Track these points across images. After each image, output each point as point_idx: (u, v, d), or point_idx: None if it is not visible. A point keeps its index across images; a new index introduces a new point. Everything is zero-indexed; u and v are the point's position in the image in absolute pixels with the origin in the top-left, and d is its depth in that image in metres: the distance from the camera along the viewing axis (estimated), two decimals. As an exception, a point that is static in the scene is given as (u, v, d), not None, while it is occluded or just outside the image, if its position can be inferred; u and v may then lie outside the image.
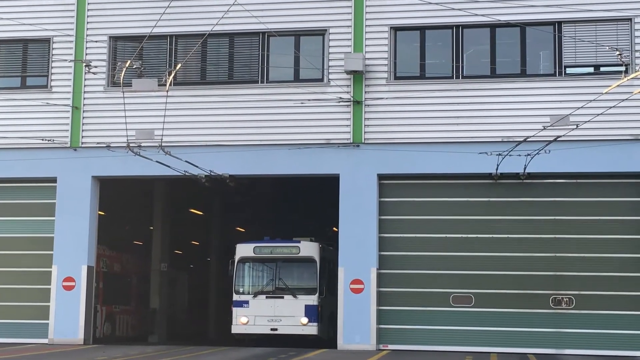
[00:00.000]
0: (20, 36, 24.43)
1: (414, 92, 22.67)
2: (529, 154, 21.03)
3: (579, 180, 22.30)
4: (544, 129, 20.05)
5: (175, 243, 34.35)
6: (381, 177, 22.90)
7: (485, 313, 22.17)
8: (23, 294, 24.01)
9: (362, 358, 19.42)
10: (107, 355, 19.55)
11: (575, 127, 19.89)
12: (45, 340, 23.40)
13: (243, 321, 24.37)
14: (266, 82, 23.51)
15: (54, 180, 23.97)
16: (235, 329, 24.59)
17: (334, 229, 26.90)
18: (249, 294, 24.67)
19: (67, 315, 23.32)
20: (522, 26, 22.41)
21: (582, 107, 19.97)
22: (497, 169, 21.75)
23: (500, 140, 21.94)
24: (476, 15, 22.12)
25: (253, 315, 24.40)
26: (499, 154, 21.30)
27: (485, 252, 22.40)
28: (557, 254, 22.16)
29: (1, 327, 23.92)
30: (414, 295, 22.52)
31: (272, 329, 24.24)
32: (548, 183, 22.49)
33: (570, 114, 19.61)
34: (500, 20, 22.12)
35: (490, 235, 22.42)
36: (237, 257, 25.09)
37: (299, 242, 25.10)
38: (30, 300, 23.93)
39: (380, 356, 20.34)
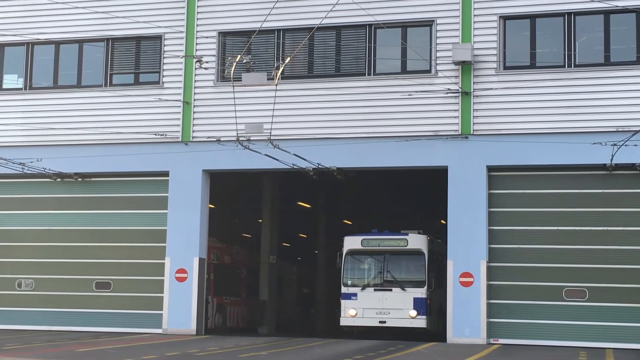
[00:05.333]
0: (133, 34, 25.06)
1: (525, 81, 22.22)
2: (645, 144, 20.35)
3: (699, 171, 21.49)
4: (662, 117, 19.36)
5: (283, 236, 34.68)
6: (491, 168, 22.56)
7: (600, 307, 21.60)
8: (138, 285, 24.67)
9: (473, 352, 19.19)
10: (219, 345, 19.88)
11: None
12: (159, 330, 23.98)
13: (351, 313, 24.42)
14: (373, 75, 23.45)
15: (166, 174, 24.53)
16: (343, 321, 24.65)
17: (442, 221, 26.69)
18: (357, 286, 24.69)
19: (180, 306, 23.84)
20: (639, 12, 21.66)
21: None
22: (611, 160, 21.12)
23: (615, 130, 21.29)
24: (590, 1, 21.52)
25: (361, 307, 24.40)
26: (614, 144, 20.71)
27: (599, 245, 21.81)
28: (676, 247, 21.41)
29: (118, 317, 24.64)
30: (525, 288, 22.11)
31: (380, 322, 24.21)
32: (666, 174, 21.73)
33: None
34: (615, 6, 21.42)
35: (605, 228, 21.81)
36: (345, 250, 25.14)
37: (406, 234, 24.98)
38: (144, 291, 24.56)
39: (491, 350, 20.06)
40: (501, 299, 22.21)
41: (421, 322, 23.97)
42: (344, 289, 24.78)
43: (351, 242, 25.22)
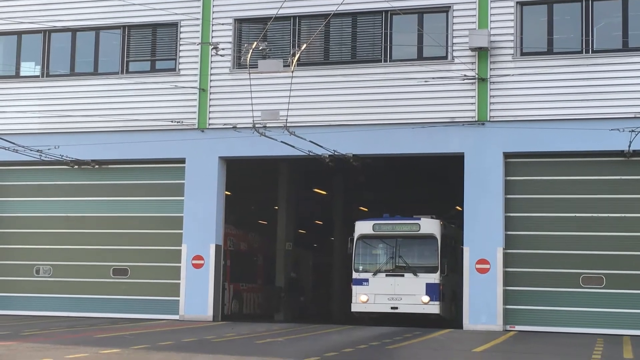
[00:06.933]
0: (149, 21, 25.10)
1: (542, 67, 22.11)
2: (663, 130, 20.23)
3: None
4: (681, 103, 19.21)
5: (300, 222, 34.70)
6: (507, 155, 22.48)
7: (617, 294, 21.52)
8: (155, 272, 24.79)
9: (489, 339, 19.18)
10: (236, 331, 19.95)
11: None
12: (176, 317, 24.10)
13: (363, 299, 24.17)
14: (389, 61, 23.39)
15: (182, 161, 24.59)
16: (354, 307, 24.40)
17: (458, 208, 26.60)
18: (368, 272, 24.49)
19: (197, 293, 23.93)
20: (657, -3, 21.50)
21: None
22: (629, 146, 21.01)
23: (633, 116, 21.19)
24: (608, -14, 21.41)
25: (373, 293, 24.15)
26: (632, 130, 20.62)
27: (616, 232, 21.71)
28: (694, 234, 21.29)
29: (135, 304, 24.78)
30: (541, 275, 22.06)
31: (392, 308, 23.93)
32: (684, 160, 21.59)
33: None
34: (633, -9, 21.28)
35: (623, 215, 21.72)
36: (356, 235, 24.87)
37: (419, 219, 24.72)
38: (162, 277, 24.68)
39: (508, 337, 20.04)
40: (518, 285, 22.18)
41: (434, 308, 23.71)
42: (355, 275, 24.54)
43: (362, 227, 24.98)
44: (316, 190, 35.30)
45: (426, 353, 16.21)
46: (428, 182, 31.64)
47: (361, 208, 37.25)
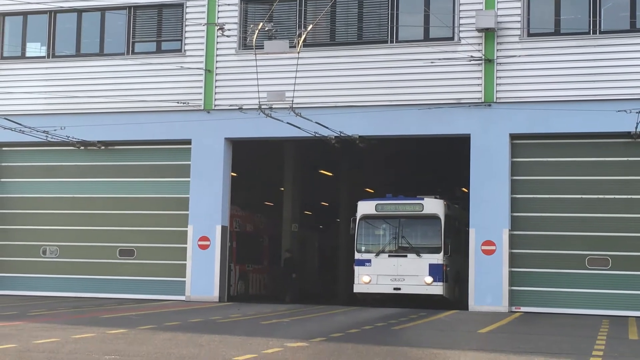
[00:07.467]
0: (155, 2, 25.05)
1: (549, 48, 22.02)
2: (671, 112, 20.16)
3: None
4: (688, 84, 19.12)
5: (305, 204, 34.69)
6: (513, 136, 22.43)
7: (623, 276, 21.53)
8: (161, 253, 24.85)
9: (495, 320, 19.21)
10: (242, 312, 20.01)
11: None
12: (182, 298, 24.17)
13: (365, 280, 23.91)
14: (395, 42, 23.31)
15: (188, 142, 24.58)
16: (357, 288, 24.10)
17: (463, 189, 26.56)
18: (371, 252, 24.28)
19: (203, 274, 23.99)
20: (665, -23, 21.36)
21: None
22: (636, 128, 20.95)
23: (640, 97, 21.12)
24: (615, -34, 21.26)
25: (375, 274, 23.84)
26: (639, 112, 20.49)
27: (623, 214, 21.70)
28: (701, 216, 21.25)
29: (141, 284, 24.86)
30: (547, 257, 22.06)
31: (395, 289, 23.66)
32: (691, 142, 21.52)
33: None
34: (641, -28, 21.14)
35: (629, 196, 21.68)
36: (358, 215, 24.56)
37: (422, 199, 24.46)
38: (168, 258, 24.74)
39: (513, 318, 20.07)
40: (523, 267, 22.19)
41: (437, 289, 23.46)
42: (357, 255, 24.22)
43: (365, 207, 24.67)
44: (322, 171, 35.25)
45: (432, 334, 16.25)
46: (434, 163, 31.54)
47: (367, 189, 37.22)
